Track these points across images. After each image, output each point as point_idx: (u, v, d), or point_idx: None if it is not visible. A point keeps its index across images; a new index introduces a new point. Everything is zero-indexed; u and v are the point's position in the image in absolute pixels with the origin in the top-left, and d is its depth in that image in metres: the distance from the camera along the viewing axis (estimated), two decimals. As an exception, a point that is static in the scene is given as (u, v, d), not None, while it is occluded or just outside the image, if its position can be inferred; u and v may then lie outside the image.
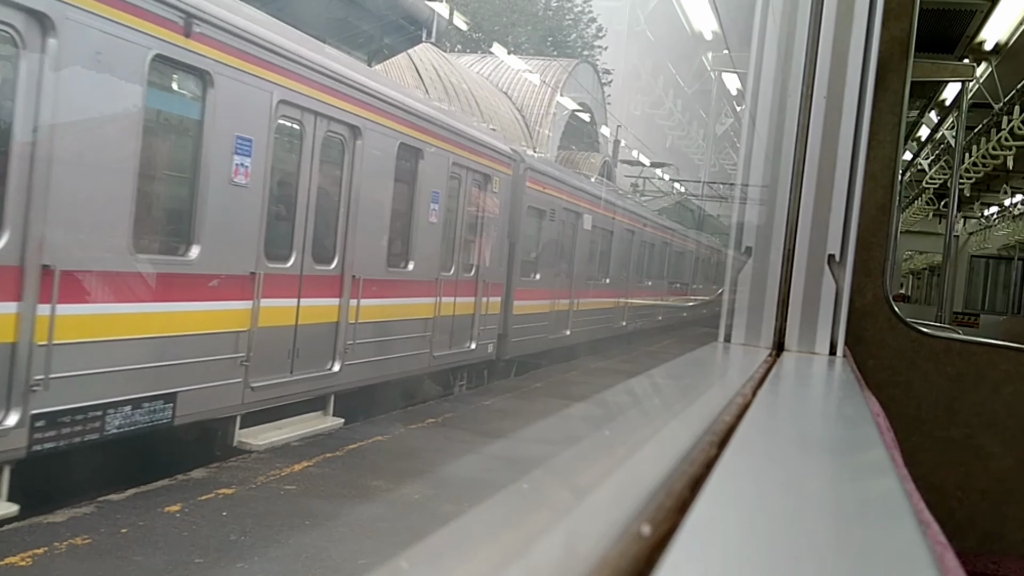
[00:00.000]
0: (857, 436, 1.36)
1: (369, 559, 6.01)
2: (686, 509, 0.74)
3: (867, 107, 2.47)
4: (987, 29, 9.99)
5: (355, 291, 10.33)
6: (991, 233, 27.21)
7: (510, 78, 35.92)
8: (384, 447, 9.55)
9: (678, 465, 0.91)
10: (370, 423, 10.64)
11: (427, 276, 12.33)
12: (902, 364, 2.84)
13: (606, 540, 0.66)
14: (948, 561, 0.79)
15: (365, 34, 15.30)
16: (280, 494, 7.42)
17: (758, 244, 2.56)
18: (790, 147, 2.51)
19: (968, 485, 2.85)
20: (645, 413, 1.60)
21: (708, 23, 19.72)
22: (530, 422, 11.11)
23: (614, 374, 16.61)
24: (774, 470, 1.05)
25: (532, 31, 52.73)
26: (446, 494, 7.57)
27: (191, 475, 7.63)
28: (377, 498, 7.62)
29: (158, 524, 6.38)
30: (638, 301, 25.54)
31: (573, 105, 37.16)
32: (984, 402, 2.85)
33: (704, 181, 39.47)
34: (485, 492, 0.75)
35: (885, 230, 2.78)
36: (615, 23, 55.37)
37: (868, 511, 0.90)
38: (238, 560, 5.91)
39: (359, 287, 10.37)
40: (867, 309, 2.77)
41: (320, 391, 10.01)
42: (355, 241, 10.27)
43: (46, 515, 6.27)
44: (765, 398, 1.53)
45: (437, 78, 28.92)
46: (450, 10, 22.60)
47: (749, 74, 2.69)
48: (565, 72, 37.60)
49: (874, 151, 2.63)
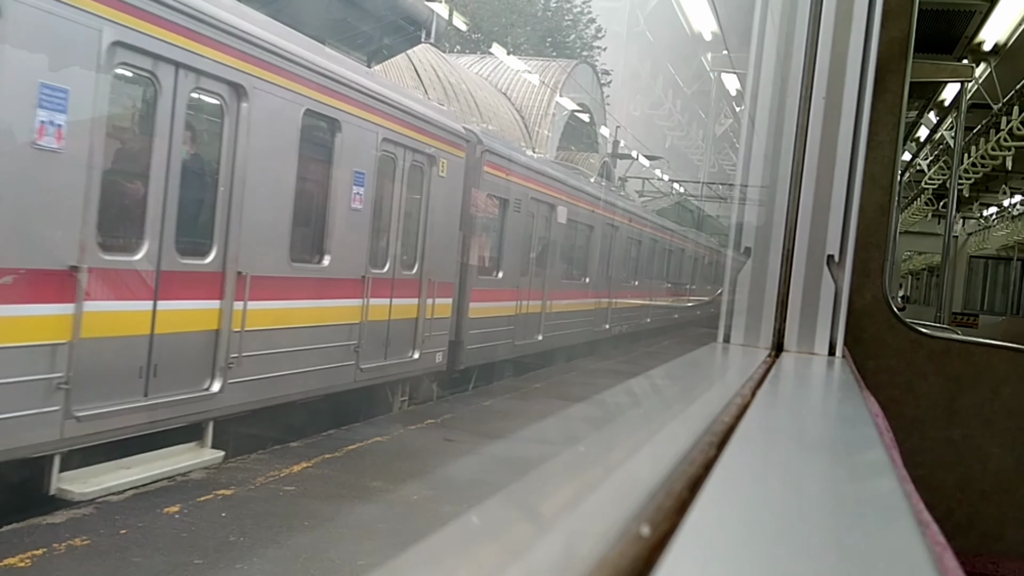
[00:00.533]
0: (856, 436, 1.36)
1: (368, 560, 6.01)
2: (685, 510, 0.74)
3: (866, 107, 2.47)
4: (986, 30, 9.99)
5: (241, 291, 8.23)
6: (990, 233, 27.23)
7: (509, 79, 35.93)
8: (383, 448, 9.55)
9: (677, 466, 0.91)
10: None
11: (351, 273, 10.38)
12: (901, 365, 2.84)
13: (605, 541, 0.66)
14: (947, 561, 0.79)
15: (364, 35, 15.28)
16: (279, 495, 7.41)
17: (757, 244, 2.56)
18: (789, 148, 2.51)
19: (967, 485, 2.85)
20: (644, 414, 1.60)
21: (707, 24, 19.71)
22: (529, 423, 11.01)
23: (614, 374, 16.61)
24: (773, 471, 1.05)
25: (531, 32, 52.71)
26: (445, 495, 7.57)
27: (190, 476, 7.63)
28: (376, 499, 7.62)
29: (157, 525, 6.38)
30: (624, 302, 23.92)
31: (572, 106, 37.16)
32: (983, 402, 2.85)
33: (703, 181, 39.48)
34: (485, 492, 0.75)
35: (884, 231, 2.78)
36: (614, 24, 55.35)
37: (867, 511, 0.90)
38: (237, 561, 5.90)
39: (247, 286, 8.26)
40: (866, 310, 2.77)
41: (193, 417, 7.94)
42: (241, 230, 8.22)
43: (45, 516, 6.27)
44: (764, 399, 1.53)
45: (436, 79, 28.93)
46: (449, 11, 22.62)
47: (748, 75, 2.70)
48: (564, 73, 37.61)
49: (873, 152, 2.63)
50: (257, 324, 8.55)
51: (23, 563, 5.49)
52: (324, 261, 9.87)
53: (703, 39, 21.67)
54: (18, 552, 5.61)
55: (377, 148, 10.73)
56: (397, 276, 11.52)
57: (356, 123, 10.20)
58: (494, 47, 33.55)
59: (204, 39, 7.73)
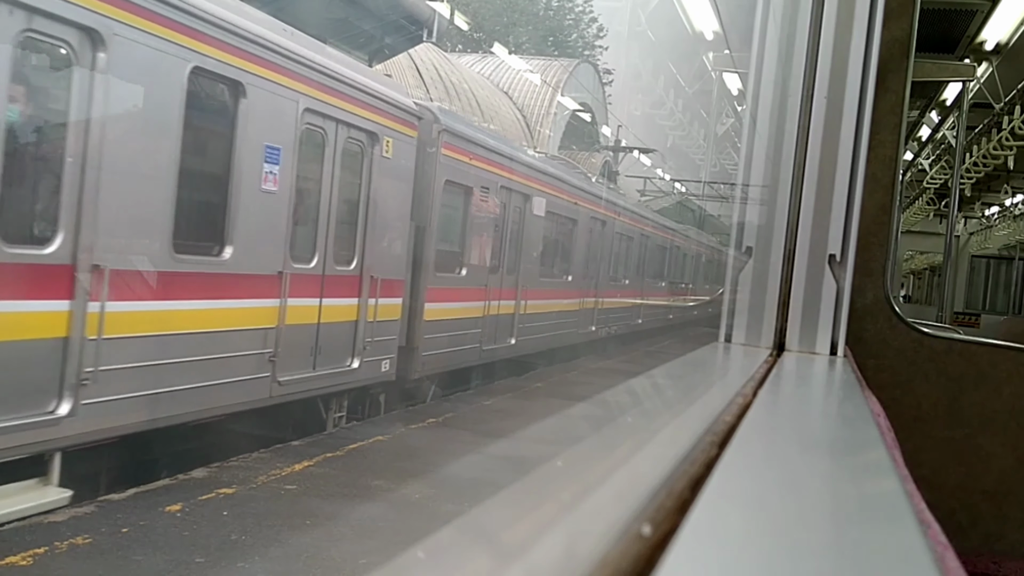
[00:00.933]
0: (858, 436, 1.36)
1: (369, 559, 6.01)
2: (687, 509, 0.74)
3: (868, 107, 2.47)
4: (988, 29, 9.98)
5: (96, 290, 6.61)
6: (992, 233, 27.21)
7: (511, 78, 35.97)
8: (385, 447, 9.56)
9: (679, 465, 0.91)
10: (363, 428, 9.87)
11: (263, 268, 8.66)
12: (903, 364, 2.84)
13: (607, 540, 0.66)
14: (949, 561, 0.79)
15: (366, 34, 15.30)
16: (281, 494, 7.42)
17: (759, 244, 2.56)
18: (791, 147, 2.51)
19: (969, 485, 2.85)
20: (646, 413, 1.60)
21: (709, 23, 19.71)
22: (531, 422, 10.95)
23: (614, 374, 16.62)
24: (775, 470, 1.05)
25: (533, 31, 52.74)
26: (446, 494, 7.58)
27: (192, 474, 7.64)
28: (378, 498, 7.63)
29: (159, 523, 6.39)
30: (613, 302, 22.40)
31: (574, 105, 37.20)
32: (985, 402, 2.85)
33: (705, 181, 39.49)
34: (485, 492, 0.75)
35: (886, 230, 2.78)
36: (616, 23, 55.38)
37: (869, 511, 0.90)
38: (239, 560, 5.91)
39: (103, 282, 6.65)
40: (868, 309, 2.77)
41: (32, 448, 6.34)
42: (99, 212, 6.63)
43: (47, 515, 6.28)
44: (766, 398, 1.53)
45: (438, 78, 28.95)
46: (451, 10, 22.61)
47: (750, 74, 2.69)
48: (566, 72, 37.65)
49: (875, 151, 2.63)
50: (123, 330, 6.94)
51: (25, 561, 5.50)
52: (224, 253, 8.11)
53: (705, 38, 21.68)
54: (19, 551, 5.62)
55: (298, 120, 8.96)
56: (330, 272, 9.84)
57: (267, 88, 8.44)
58: (496, 46, 33.58)
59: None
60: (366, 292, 10.48)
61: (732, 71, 23.93)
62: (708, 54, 31.25)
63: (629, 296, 24.39)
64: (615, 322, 22.90)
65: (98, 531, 6.09)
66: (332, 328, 9.93)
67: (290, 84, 8.81)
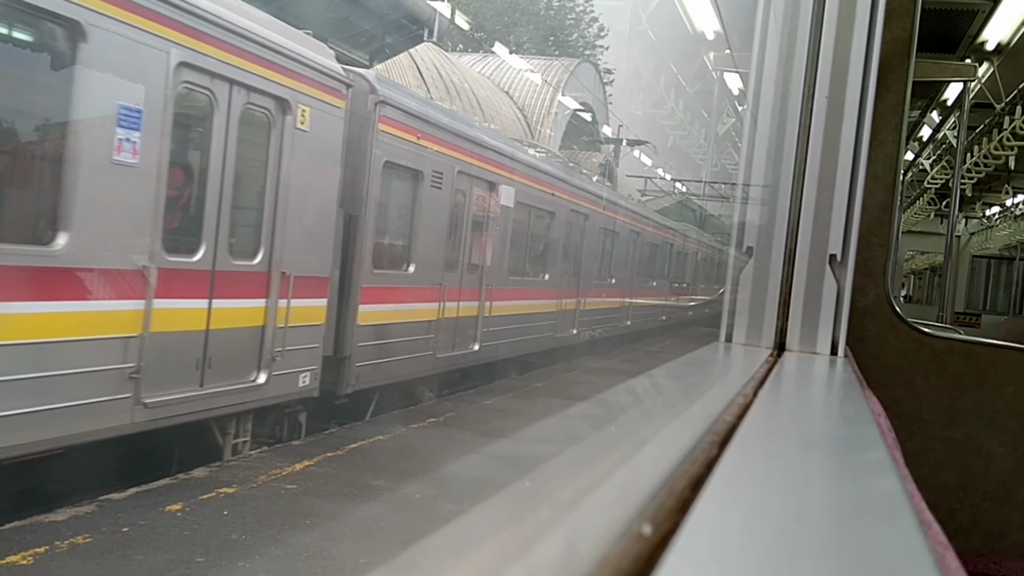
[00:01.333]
0: (858, 436, 1.36)
1: (370, 559, 6.02)
2: (687, 509, 0.74)
3: (869, 107, 2.47)
4: (989, 29, 9.98)
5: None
6: (992, 233, 27.21)
7: (512, 77, 35.98)
8: (385, 446, 9.56)
9: (679, 465, 0.91)
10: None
11: (116, 261, 6.77)
12: (903, 364, 2.84)
13: (607, 540, 0.66)
14: (949, 562, 0.79)
15: (366, 33, 15.31)
16: (281, 493, 7.43)
17: (759, 244, 2.56)
18: (792, 147, 2.51)
19: (969, 486, 2.85)
20: (646, 413, 1.60)
21: (710, 23, 19.70)
22: (531, 421, 10.92)
23: (615, 374, 16.61)
24: (775, 470, 1.05)
25: (534, 31, 52.76)
26: (447, 493, 7.58)
27: (192, 474, 7.64)
28: (378, 497, 7.63)
29: (159, 523, 6.39)
30: (599, 302, 20.89)
31: (575, 104, 37.19)
32: (985, 402, 2.85)
33: (705, 180, 39.50)
34: (486, 491, 0.75)
35: (887, 230, 2.78)
36: (617, 23, 55.42)
37: (869, 511, 0.90)
38: (239, 559, 5.91)
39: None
40: (868, 309, 2.77)
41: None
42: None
43: (47, 514, 6.28)
44: (766, 398, 1.53)
45: (439, 77, 28.95)
46: (452, 9, 22.60)
47: (751, 74, 2.69)
48: (567, 72, 37.65)
49: (876, 151, 2.63)
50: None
51: (25, 561, 5.50)
52: (57, 242, 6.24)
53: (705, 38, 21.68)
54: (20, 550, 5.62)
55: (170, 76, 7.05)
56: (223, 267, 7.97)
57: (120, 32, 6.56)
58: (496, 46, 33.60)
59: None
60: (275, 292, 8.61)
61: (733, 71, 23.93)
62: (709, 54, 31.29)
63: (617, 296, 22.88)
64: (600, 324, 21.28)
65: (98, 530, 6.10)
66: (227, 335, 8.05)
67: (156, 29, 6.90)
